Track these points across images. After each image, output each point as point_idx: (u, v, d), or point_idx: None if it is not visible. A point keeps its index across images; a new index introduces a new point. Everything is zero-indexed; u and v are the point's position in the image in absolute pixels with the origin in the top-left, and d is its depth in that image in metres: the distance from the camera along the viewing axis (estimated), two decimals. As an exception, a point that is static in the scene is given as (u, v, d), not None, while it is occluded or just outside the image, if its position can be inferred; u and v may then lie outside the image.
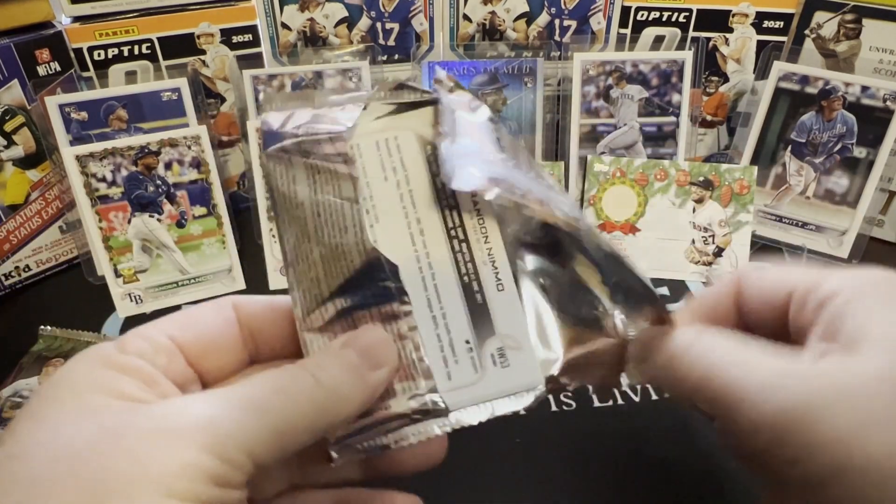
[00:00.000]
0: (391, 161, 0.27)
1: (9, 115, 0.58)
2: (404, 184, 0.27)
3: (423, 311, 0.26)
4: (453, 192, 0.27)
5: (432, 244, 0.26)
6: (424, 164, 0.27)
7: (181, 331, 0.24)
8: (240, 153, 0.72)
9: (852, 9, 0.64)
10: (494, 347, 0.26)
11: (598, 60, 0.68)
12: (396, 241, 0.26)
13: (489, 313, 0.26)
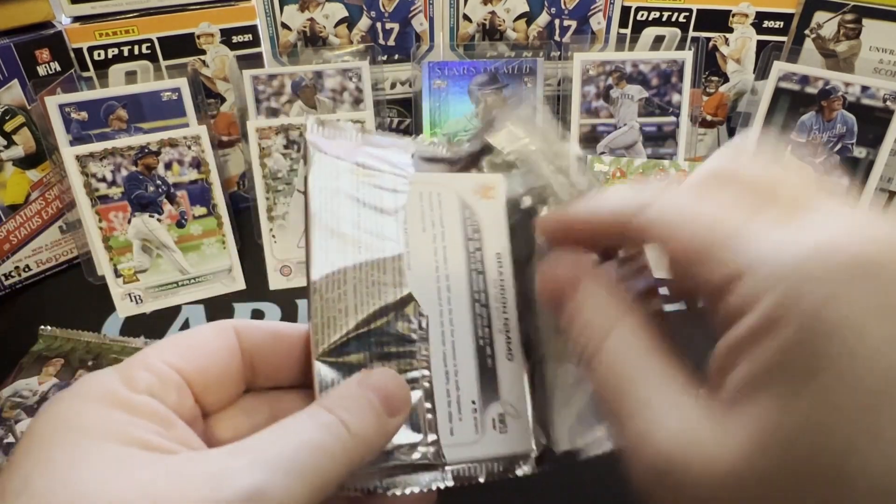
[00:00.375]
0: (431, 215, 0.28)
1: (9, 115, 0.58)
2: (440, 240, 0.28)
3: (438, 364, 0.26)
4: (482, 259, 0.28)
5: (456, 303, 0.27)
6: (461, 227, 0.28)
7: (185, 361, 0.23)
8: (240, 153, 0.72)
9: (852, 9, 0.64)
10: (496, 412, 0.27)
11: (598, 60, 0.68)
12: (425, 293, 0.27)
13: (497, 379, 0.27)
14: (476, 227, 0.29)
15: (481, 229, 0.29)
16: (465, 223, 0.29)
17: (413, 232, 0.28)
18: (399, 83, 0.72)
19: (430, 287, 0.27)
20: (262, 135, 0.62)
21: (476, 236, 0.29)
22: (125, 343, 0.56)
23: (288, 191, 0.63)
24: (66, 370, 0.53)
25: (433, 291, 0.27)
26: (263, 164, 0.62)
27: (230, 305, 0.62)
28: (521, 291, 0.28)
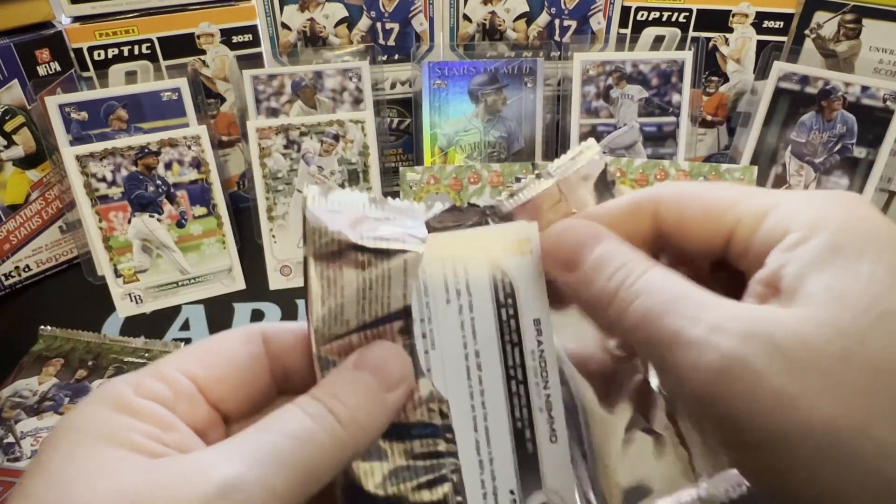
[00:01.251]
0: (456, 282, 0.25)
1: (9, 115, 0.58)
2: (467, 311, 0.25)
3: (470, 453, 0.24)
4: (518, 327, 0.25)
5: (489, 382, 0.24)
6: (491, 292, 0.25)
7: (204, 369, 0.23)
8: (240, 153, 0.72)
9: (852, 9, 0.64)
10: (539, 502, 0.24)
11: (598, 60, 0.68)
12: (451, 374, 0.24)
13: (539, 465, 0.24)
14: (509, 290, 0.25)
15: (515, 292, 0.25)
16: (497, 287, 0.25)
17: (435, 306, 0.24)
18: (399, 83, 0.72)
19: (458, 367, 0.24)
20: (262, 135, 0.62)
21: (509, 302, 0.25)
22: (125, 343, 0.56)
23: (288, 191, 0.63)
24: (66, 370, 0.53)
25: (461, 372, 0.24)
26: (263, 164, 0.62)
27: (230, 305, 0.62)
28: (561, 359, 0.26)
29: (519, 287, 0.25)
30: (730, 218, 0.22)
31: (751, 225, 0.22)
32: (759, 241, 0.21)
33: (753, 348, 0.18)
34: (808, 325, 0.18)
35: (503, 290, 0.25)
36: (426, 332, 0.24)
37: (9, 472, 0.44)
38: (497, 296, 0.25)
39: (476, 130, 0.69)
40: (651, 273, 0.21)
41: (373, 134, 0.63)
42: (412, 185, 0.64)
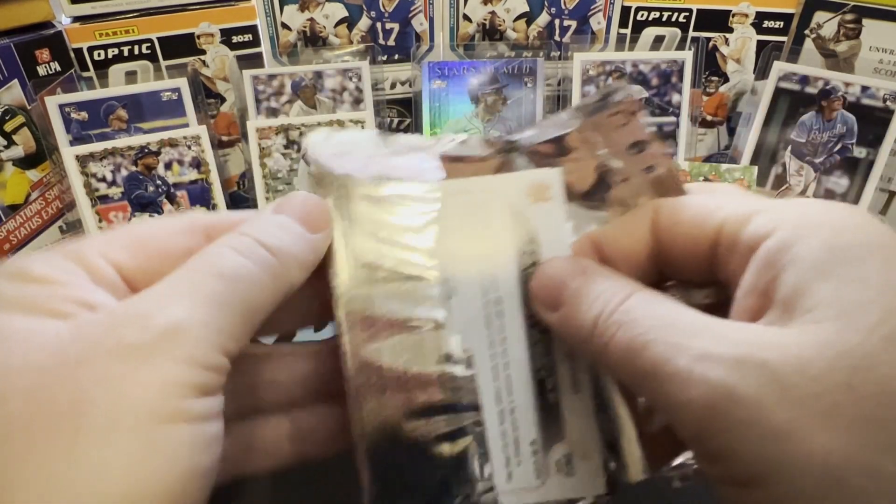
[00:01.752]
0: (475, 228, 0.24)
1: (9, 115, 0.58)
2: (488, 256, 0.24)
3: (490, 402, 0.23)
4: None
5: (510, 330, 0.24)
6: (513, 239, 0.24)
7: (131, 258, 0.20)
8: (240, 153, 0.72)
9: (852, 9, 0.64)
10: (561, 454, 0.24)
11: (598, 60, 0.68)
12: (471, 321, 0.24)
13: (560, 416, 0.24)
14: (532, 236, 0.24)
15: (538, 238, 0.24)
16: (518, 233, 0.24)
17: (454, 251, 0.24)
18: (399, 83, 0.72)
19: (477, 314, 0.24)
20: (262, 135, 0.62)
21: (531, 248, 0.24)
22: (125, 343, 0.56)
23: (288, 191, 0.63)
24: (66, 370, 0.53)
25: (480, 319, 0.24)
26: (263, 164, 0.62)
27: (230, 305, 0.62)
28: None
29: (540, 234, 0.24)
30: (717, 217, 0.21)
31: (736, 224, 0.20)
32: (745, 239, 0.20)
33: (745, 377, 0.17)
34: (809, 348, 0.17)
35: (525, 236, 0.24)
36: (448, 276, 0.24)
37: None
38: (519, 242, 0.24)
39: (476, 130, 0.69)
40: (631, 300, 0.20)
41: (373, 134, 0.63)
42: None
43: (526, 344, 0.24)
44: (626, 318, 0.20)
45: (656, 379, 0.18)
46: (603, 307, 0.20)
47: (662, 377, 0.18)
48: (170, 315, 0.17)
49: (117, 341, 0.17)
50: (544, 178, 0.24)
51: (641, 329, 0.19)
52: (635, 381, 0.19)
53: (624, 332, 0.19)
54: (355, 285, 0.23)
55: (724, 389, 0.17)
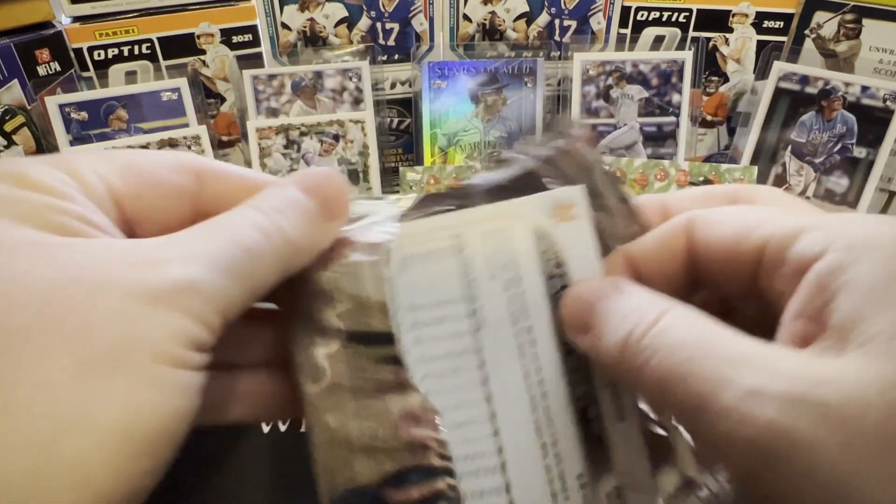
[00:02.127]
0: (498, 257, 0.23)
1: (9, 115, 0.58)
2: (515, 285, 0.23)
3: (529, 436, 0.22)
4: None
5: (545, 359, 0.23)
6: (539, 264, 0.23)
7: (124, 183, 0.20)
8: (240, 153, 0.72)
9: (852, 9, 0.64)
10: (611, 486, 0.22)
11: (598, 60, 0.68)
12: (504, 352, 0.23)
13: (607, 447, 0.23)
14: (558, 259, 0.23)
15: (566, 261, 0.23)
16: (544, 258, 0.23)
17: (480, 283, 0.23)
18: (399, 83, 0.72)
19: (510, 346, 0.23)
20: (262, 135, 0.62)
21: (559, 271, 0.23)
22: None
23: (288, 191, 0.63)
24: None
25: (513, 350, 0.23)
26: (263, 164, 0.62)
27: (230, 305, 0.62)
28: None
29: (569, 256, 0.23)
30: (761, 233, 0.20)
31: (782, 241, 0.19)
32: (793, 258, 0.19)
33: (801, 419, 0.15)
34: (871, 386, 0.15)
35: (552, 259, 0.23)
36: (475, 309, 0.23)
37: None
38: (545, 267, 0.23)
39: (476, 130, 0.69)
40: (665, 319, 0.19)
41: (373, 134, 0.63)
42: (412, 185, 0.64)
43: (563, 372, 0.23)
44: (661, 341, 0.18)
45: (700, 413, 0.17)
46: (633, 327, 0.19)
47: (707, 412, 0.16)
48: (189, 271, 0.18)
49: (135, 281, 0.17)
50: (569, 197, 0.23)
51: (680, 357, 0.18)
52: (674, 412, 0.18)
53: (660, 359, 0.18)
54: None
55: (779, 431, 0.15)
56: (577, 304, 0.22)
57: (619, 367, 0.19)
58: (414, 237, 0.23)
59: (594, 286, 0.21)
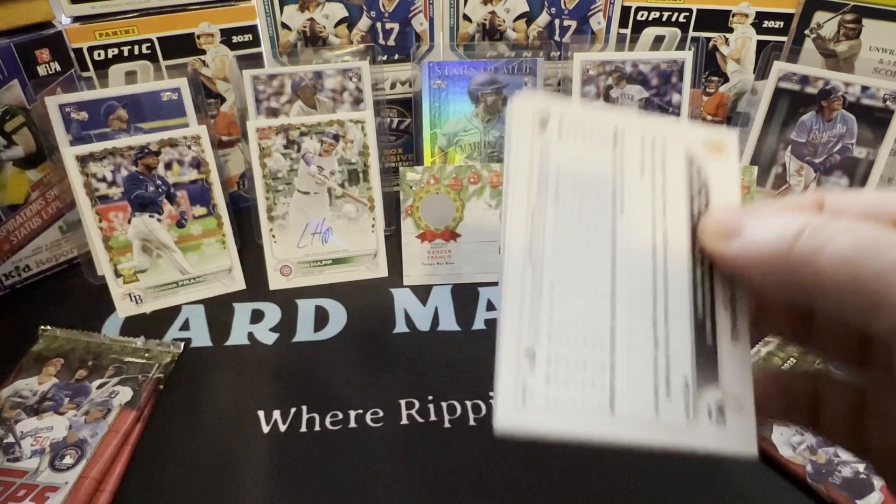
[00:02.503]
0: (653, 162, 0.25)
1: (9, 115, 0.58)
2: (660, 191, 0.25)
3: (646, 326, 0.23)
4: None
5: (673, 263, 0.24)
6: (686, 181, 0.25)
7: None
8: (240, 153, 0.72)
9: (852, 9, 0.64)
10: (713, 399, 0.23)
11: (598, 60, 0.68)
12: (636, 244, 0.24)
13: (716, 360, 0.23)
14: (704, 185, 0.25)
15: (709, 189, 0.25)
16: (692, 178, 0.25)
17: (629, 177, 0.24)
18: (399, 83, 0.72)
19: (644, 240, 0.24)
20: (262, 135, 0.62)
21: (702, 196, 0.25)
22: (125, 343, 0.56)
23: (288, 191, 0.63)
24: (66, 370, 0.53)
25: (647, 245, 0.24)
26: (263, 164, 0.62)
27: (230, 305, 0.62)
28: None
29: (712, 184, 0.25)
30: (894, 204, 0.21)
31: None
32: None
33: None
34: None
35: (698, 183, 0.25)
36: (617, 196, 0.24)
37: (9, 472, 0.44)
38: (691, 186, 0.25)
39: (476, 130, 0.69)
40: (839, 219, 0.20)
41: (373, 134, 0.63)
42: (412, 185, 0.64)
43: (688, 282, 0.23)
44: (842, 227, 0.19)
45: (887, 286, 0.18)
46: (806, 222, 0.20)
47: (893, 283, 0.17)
48: None
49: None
50: (724, 137, 0.26)
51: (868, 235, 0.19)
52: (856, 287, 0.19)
53: (843, 239, 0.19)
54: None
55: None
56: (727, 212, 0.23)
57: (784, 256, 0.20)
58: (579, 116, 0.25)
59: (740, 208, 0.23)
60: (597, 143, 0.25)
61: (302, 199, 0.64)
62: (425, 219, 0.65)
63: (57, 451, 0.46)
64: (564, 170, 0.24)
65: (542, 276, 0.23)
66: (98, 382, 0.52)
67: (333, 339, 0.58)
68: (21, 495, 0.43)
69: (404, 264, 0.65)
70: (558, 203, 0.24)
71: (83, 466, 0.45)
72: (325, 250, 0.65)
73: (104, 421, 0.48)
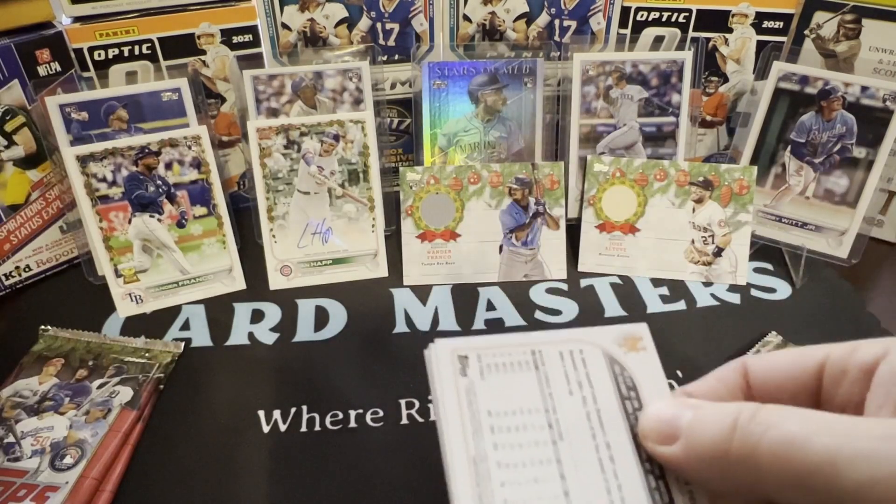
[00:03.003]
0: (576, 375, 0.25)
1: (9, 115, 0.58)
2: (592, 403, 0.25)
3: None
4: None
5: (625, 476, 0.23)
6: (613, 386, 0.25)
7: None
8: (240, 153, 0.72)
9: (852, 9, 0.64)
10: None
11: (598, 60, 0.68)
12: (583, 466, 0.23)
13: None
14: (630, 384, 0.25)
15: (637, 387, 0.25)
16: (618, 381, 0.25)
17: (559, 396, 0.25)
18: (399, 83, 0.72)
19: (590, 459, 0.24)
20: (262, 135, 0.62)
21: (632, 395, 0.25)
22: (125, 343, 0.56)
23: (288, 191, 0.63)
24: (66, 370, 0.53)
25: (594, 464, 0.23)
26: (264, 164, 0.62)
27: (230, 305, 0.62)
28: None
29: (639, 381, 0.25)
30: (818, 353, 0.23)
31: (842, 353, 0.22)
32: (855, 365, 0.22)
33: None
34: None
35: (624, 383, 0.25)
36: (552, 422, 0.24)
37: (9, 471, 0.44)
38: (619, 389, 0.25)
39: (476, 130, 0.69)
40: (766, 409, 0.20)
41: (373, 134, 0.63)
42: (412, 185, 0.64)
43: (644, 489, 0.23)
44: (772, 420, 0.20)
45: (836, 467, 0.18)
46: (736, 417, 0.21)
47: (844, 463, 0.18)
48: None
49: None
50: (637, 331, 0.26)
51: (797, 425, 0.19)
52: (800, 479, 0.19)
53: (776, 432, 0.19)
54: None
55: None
56: (659, 417, 0.23)
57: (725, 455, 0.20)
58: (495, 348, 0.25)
59: (670, 403, 0.23)
60: (519, 372, 0.25)
61: (302, 199, 0.64)
62: (425, 219, 0.65)
63: (57, 451, 0.46)
64: (495, 409, 0.24)
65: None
66: (98, 382, 0.52)
67: (333, 339, 0.58)
68: (21, 495, 0.43)
69: (404, 264, 0.65)
70: (497, 447, 0.24)
71: (83, 466, 0.45)
72: (325, 250, 0.65)
73: (104, 421, 0.48)
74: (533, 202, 0.65)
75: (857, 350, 0.22)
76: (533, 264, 0.65)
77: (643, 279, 0.65)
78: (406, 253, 0.65)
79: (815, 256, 0.66)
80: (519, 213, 0.65)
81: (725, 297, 0.63)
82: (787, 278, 0.65)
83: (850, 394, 0.22)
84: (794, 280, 0.65)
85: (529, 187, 0.65)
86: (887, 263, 0.69)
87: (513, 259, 0.65)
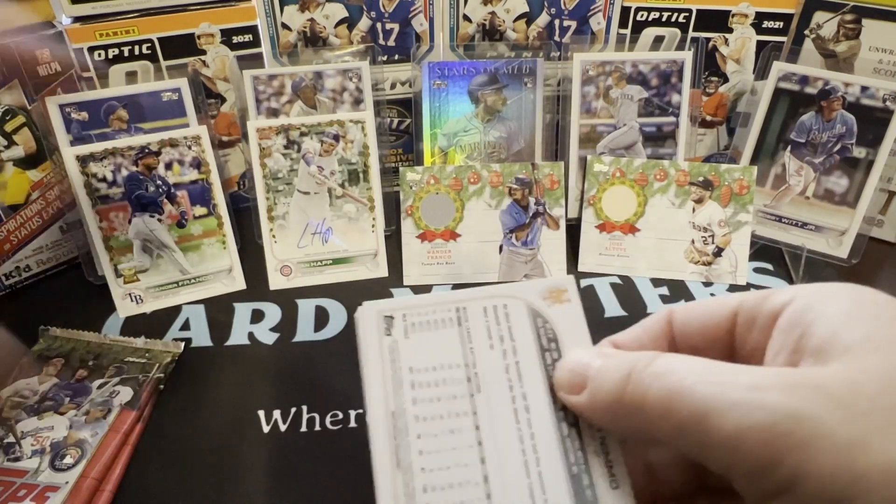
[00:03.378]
0: (498, 328, 0.26)
1: (9, 115, 0.58)
2: (511, 355, 0.25)
3: (524, 501, 0.23)
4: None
5: (538, 425, 0.24)
6: (534, 337, 0.26)
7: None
8: (240, 153, 0.72)
9: (852, 9, 0.64)
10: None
11: (598, 60, 0.68)
12: (499, 417, 0.24)
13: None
14: (552, 335, 0.26)
15: (559, 338, 0.26)
16: (539, 333, 0.26)
17: (480, 350, 0.25)
18: (399, 83, 0.72)
19: (506, 411, 0.24)
20: (262, 135, 0.62)
21: (553, 346, 0.26)
22: (125, 343, 0.56)
23: (288, 191, 0.63)
24: (66, 370, 0.53)
25: (509, 415, 0.24)
26: (263, 164, 0.62)
27: (230, 305, 0.62)
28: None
29: (561, 333, 0.26)
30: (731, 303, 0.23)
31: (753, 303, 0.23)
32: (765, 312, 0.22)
33: (804, 399, 0.17)
34: (858, 374, 0.18)
35: (546, 335, 0.26)
36: (471, 376, 0.25)
37: (9, 471, 0.44)
38: (540, 341, 0.26)
39: (476, 130, 0.69)
40: (660, 359, 0.21)
41: (373, 134, 0.63)
42: (412, 185, 0.64)
43: (558, 439, 0.24)
44: (662, 368, 0.20)
45: (707, 417, 0.18)
46: (632, 366, 0.21)
47: (714, 414, 0.18)
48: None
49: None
50: (562, 283, 0.27)
51: (680, 375, 0.20)
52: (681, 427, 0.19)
53: (662, 381, 0.20)
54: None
55: (786, 411, 0.17)
56: (569, 367, 0.24)
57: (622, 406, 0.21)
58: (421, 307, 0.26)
59: (584, 353, 0.24)
60: (442, 329, 0.26)
61: (302, 199, 0.64)
62: (425, 219, 0.65)
63: (57, 451, 0.46)
64: (416, 366, 0.25)
65: (413, 481, 0.23)
66: (98, 382, 0.52)
67: (333, 339, 0.58)
68: (21, 495, 0.43)
69: (404, 264, 0.65)
70: (416, 401, 0.24)
71: (83, 466, 0.45)
72: (325, 250, 0.65)
73: (104, 421, 0.48)
74: (533, 202, 0.65)
75: (768, 298, 0.22)
76: (533, 264, 0.65)
77: (643, 279, 0.65)
78: (406, 253, 0.65)
79: (815, 256, 0.66)
80: (519, 213, 0.65)
81: (725, 297, 0.63)
82: (787, 278, 0.65)
83: (758, 341, 0.22)
84: (794, 280, 0.65)
85: (529, 187, 0.65)
86: (887, 263, 0.69)
87: (513, 259, 0.65)
